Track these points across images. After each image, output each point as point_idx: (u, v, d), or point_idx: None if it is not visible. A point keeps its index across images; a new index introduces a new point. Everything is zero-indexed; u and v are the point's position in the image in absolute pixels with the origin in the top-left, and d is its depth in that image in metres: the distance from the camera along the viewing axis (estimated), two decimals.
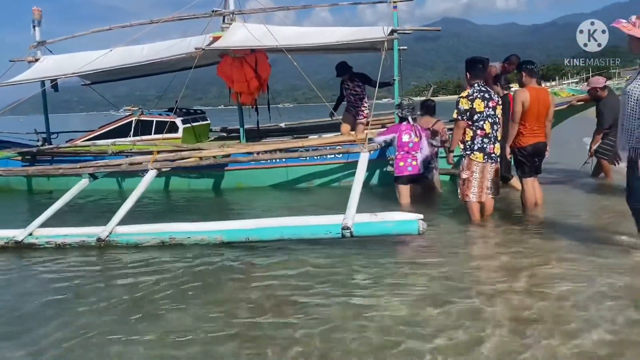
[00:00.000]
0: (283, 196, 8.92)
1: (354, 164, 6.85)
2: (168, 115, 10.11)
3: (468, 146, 6.05)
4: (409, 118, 7.34)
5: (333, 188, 8.99)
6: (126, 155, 8.92)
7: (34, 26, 10.98)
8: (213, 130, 12.22)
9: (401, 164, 7.29)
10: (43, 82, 10.75)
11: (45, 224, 6.30)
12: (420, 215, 5.26)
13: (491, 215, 6.32)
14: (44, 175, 9.38)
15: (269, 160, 8.72)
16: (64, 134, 12.15)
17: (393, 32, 8.48)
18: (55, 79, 10.47)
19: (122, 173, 8.71)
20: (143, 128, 9.92)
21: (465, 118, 5.99)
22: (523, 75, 6.39)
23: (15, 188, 10.25)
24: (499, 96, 6.91)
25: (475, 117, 5.97)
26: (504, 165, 7.31)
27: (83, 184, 7.20)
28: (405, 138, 7.24)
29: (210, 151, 8.34)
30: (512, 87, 8.22)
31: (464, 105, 5.98)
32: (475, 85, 6.07)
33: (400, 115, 7.53)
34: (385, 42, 8.23)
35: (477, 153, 6.01)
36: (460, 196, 6.25)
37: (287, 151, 8.78)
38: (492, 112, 6.04)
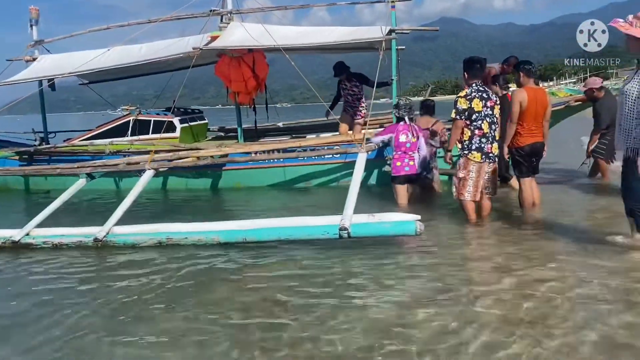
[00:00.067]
0: (281, 196, 8.91)
1: (352, 164, 6.84)
2: (166, 114, 10.09)
3: (466, 146, 6.05)
4: (406, 118, 7.34)
5: (331, 188, 8.99)
6: (124, 155, 8.91)
7: (32, 25, 10.93)
8: (211, 129, 12.20)
9: (398, 163, 7.29)
10: (40, 82, 10.71)
11: (42, 224, 6.29)
12: (418, 216, 5.26)
13: (489, 215, 6.33)
14: (41, 175, 9.37)
15: (266, 160, 8.71)
16: (61, 133, 12.13)
17: (391, 32, 8.47)
18: (53, 79, 10.45)
19: (120, 173, 8.70)
20: (141, 128, 9.89)
21: (463, 118, 5.99)
22: (521, 75, 6.41)
23: (12, 188, 10.24)
24: (497, 96, 6.91)
25: (474, 117, 5.98)
26: (503, 165, 7.32)
27: (80, 183, 7.20)
28: (402, 138, 7.24)
29: (208, 151, 8.32)
30: (511, 87, 8.22)
31: (462, 104, 5.98)
32: (473, 85, 6.07)
33: (397, 115, 7.53)
34: (383, 42, 8.21)
35: (475, 153, 6.02)
36: (455, 195, 6.27)
37: (285, 151, 8.77)
38: (490, 112, 6.04)
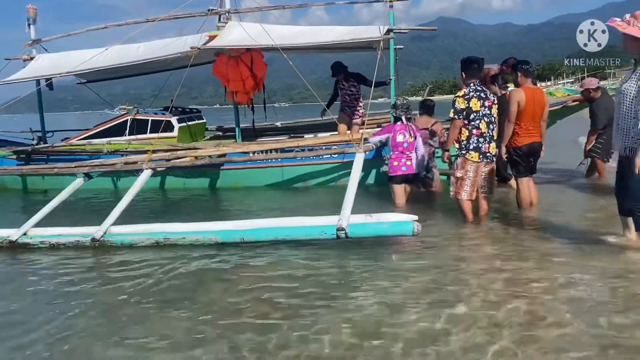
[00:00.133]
0: (278, 196, 8.90)
1: (350, 164, 6.83)
2: (164, 114, 10.07)
3: (464, 146, 6.07)
4: (403, 118, 7.35)
5: (329, 188, 8.98)
6: (121, 155, 8.89)
7: (29, 24, 10.91)
8: (209, 129, 12.19)
9: (395, 163, 7.29)
10: (38, 81, 10.70)
11: (40, 224, 6.28)
12: (415, 217, 5.25)
13: (487, 214, 6.34)
14: (38, 175, 9.33)
15: (264, 160, 8.71)
16: (59, 132, 12.11)
17: (389, 32, 8.47)
18: (51, 78, 10.43)
19: (117, 172, 8.69)
20: (138, 127, 9.87)
21: (461, 117, 6.01)
22: (518, 75, 6.41)
23: (10, 187, 10.22)
24: (496, 96, 6.93)
25: (472, 117, 5.99)
26: (502, 165, 7.33)
27: (78, 183, 7.18)
28: (399, 138, 7.25)
29: (206, 151, 8.31)
30: (509, 87, 8.24)
31: (461, 104, 6.00)
32: (471, 84, 6.08)
33: (394, 115, 7.54)
34: (381, 42, 8.21)
35: (473, 152, 6.03)
36: (452, 194, 6.28)
37: (283, 151, 8.77)
38: (488, 112, 6.06)
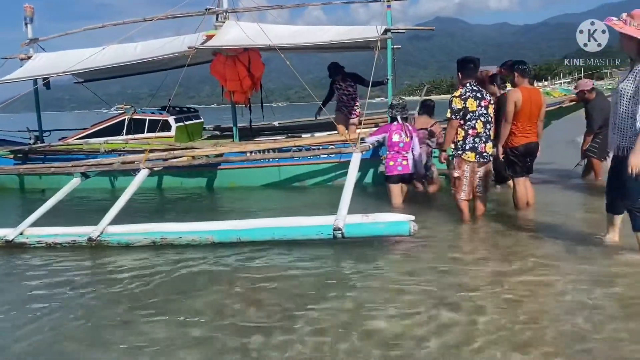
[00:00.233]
0: (275, 196, 8.90)
1: (347, 164, 6.84)
2: (161, 113, 10.06)
3: (460, 146, 6.08)
4: (398, 118, 7.35)
5: (326, 188, 8.98)
6: (118, 154, 8.89)
7: (26, 23, 10.89)
8: (206, 129, 12.18)
9: (391, 163, 7.30)
10: (35, 80, 10.67)
11: (37, 223, 6.26)
12: (412, 217, 5.26)
13: (483, 214, 6.34)
14: (35, 174, 9.32)
15: (261, 160, 8.70)
16: (56, 132, 12.09)
17: (386, 31, 8.48)
18: (48, 77, 10.40)
19: (114, 172, 8.68)
20: (136, 126, 9.86)
21: (458, 117, 6.02)
22: (515, 75, 6.42)
23: (7, 187, 10.20)
24: (495, 96, 6.95)
25: (468, 117, 6.01)
26: (502, 165, 7.33)
27: (75, 182, 7.17)
28: (395, 138, 7.25)
29: (203, 150, 8.31)
30: (508, 87, 8.26)
31: (457, 104, 6.01)
32: (467, 84, 6.09)
33: (390, 115, 7.55)
34: (379, 41, 8.22)
35: (469, 153, 6.05)
36: (453, 193, 6.31)
37: (280, 151, 8.77)
38: (485, 111, 6.07)
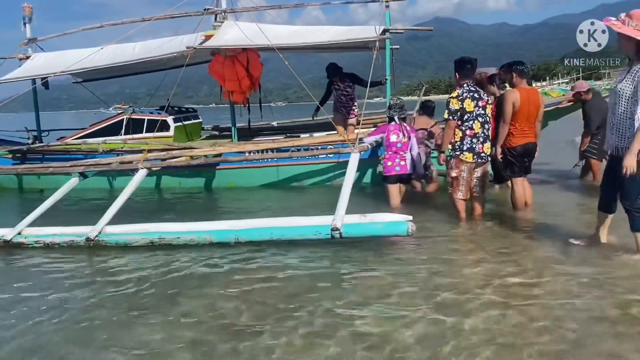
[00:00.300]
0: (274, 196, 8.89)
1: (345, 164, 6.84)
2: (159, 113, 10.06)
3: (457, 147, 6.10)
4: (396, 118, 7.36)
5: (324, 188, 8.98)
6: (117, 154, 8.87)
7: (25, 23, 10.89)
8: (205, 129, 12.18)
9: (389, 163, 7.30)
10: (34, 80, 10.67)
11: (35, 223, 6.26)
12: (409, 217, 5.25)
13: (481, 214, 6.34)
14: (34, 174, 9.32)
15: (260, 160, 8.70)
16: (54, 131, 12.08)
17: (385, 32, 8.48)
18: (47, 77, 10.40)
19: (113, 172, 8.66)
20: (134, 126, 9.86)
21: (455, 118, 6.04)
22: (513, 76, 6.41)
23: (5, 186, 10.19)
24: (495, 96, 6.95)
25: (466, 117, 6.03)
26: (502, 165, 7.34)
27: (73, 182, 7.17)
28: (393, 138, 7.26)
29: (201, 150, 8.30)
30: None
31: (455, 105, 6.03)
32: (465, 85, 6.11)
33: (388, 115, 7.56)
34: (377, 42, 8.23)
35: (467, 153, 6.07)
36: (450, 193, 6.33)
37: (279, 151, 8.77)
38: (482, 112, 6.08)
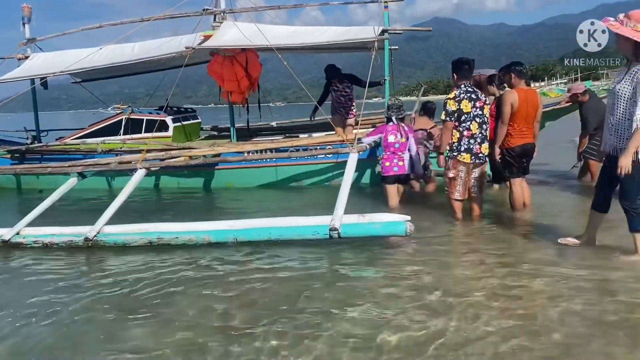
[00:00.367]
0: (272, 196, 8.89)
1: (344, 164, 6.85)
2: (158, 113, 10.06)
3: (455, 147, 6.12)
4: (393, 118, 7.37)
5: (322, 188, 8.99)
6: (116, 154, 8.87)
7: (24, 23, 10.89)
8: (204, 129, 12.18)
9: (387, 164, 7.31)
10: (33, 80, 10.66)
11: (33, 223, 6.25)
12: (408, 217, 5.24)
13: (480, 215, 6.36)
14: (32, 174, 9.30)
15: (258, 160, 8.71)
16: (53, 131, 12.08)
17: (384, 32, 8.49)
18: (46, 77, 10.40)
19: (112, 172, 8.66)
20: (133, 126, 9.86)
21: (453, 119, 6.05)
22: (512, 76, 6.42)
23: (4, 186, 10.19)
24: (495, 97, 6.95)
25: (463, 118, 6.04)
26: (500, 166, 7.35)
27: (71, 182, 7.16)
28: (391, 138, 7.26)
29: (200, 150, 8.31)
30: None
31: (451, 106, 6.05)
32: (462, 86, 6.12)
33: (386, 115, 7.57)
34: (376, 42, 8.24)
35: (464, 154, 6.09)
36: (446, 194, 6.36)
37: (277, 151, 8.77)
38: (480, 112, 6.10)
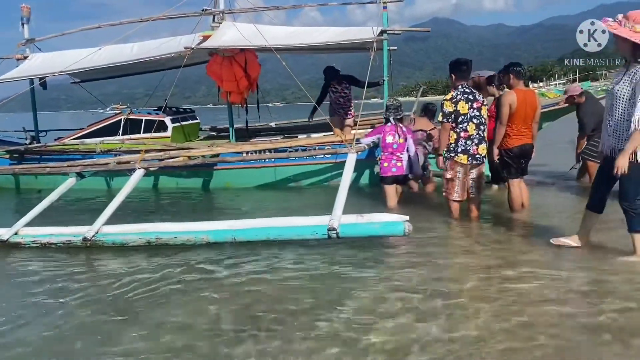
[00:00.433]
0: (271, 196, 8.90)
1: (343, 164, 6.85)
2: (157, 114, 10.05)
3: (452, 148, 6.14)
4: (391, 119, 7.38)
5: (321, 188, 9.00)
6: (114, 154, 8.88)
7: (23, 23, 10.87)
8: (203, 129, 12.18)
9: (385, 164, 7.32)
10: (32, 80, 10.66)
11: (31, 223, 6.24)
12: (406, 217, 5.24)
13: (478, 215, 6.36)
14: (31, 174, 9.29)
15: (257, 160, 8.71)
16: (52, 132, 12.07)
17: (382, 33, 8.50)
18: (44, 77, 10.39)
19: (110, 172, 8.66)
20: (132, 127, 9.86)
21: (450, 120, 6.08)
22: (510, 77, 6.42)
23: (2, 187, 10.18)
24: (494, 97, 6.94)
25: (460, 119, 6.07)
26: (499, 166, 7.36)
27: (70, 182, 7.15)
28: (389, 139, 7.28)
29: (199, 151, 8.31)
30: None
31: (448, 107, 6.07)
32: (459, 87, 6.14)
33: (384, 116, 7.59)
34: (375, 43, 8.25)
35: (461, 155, 6.11)
36: (444, 194, 6.37)
37: (276, 151, 8.78)
38: (477, 113, 6.11)
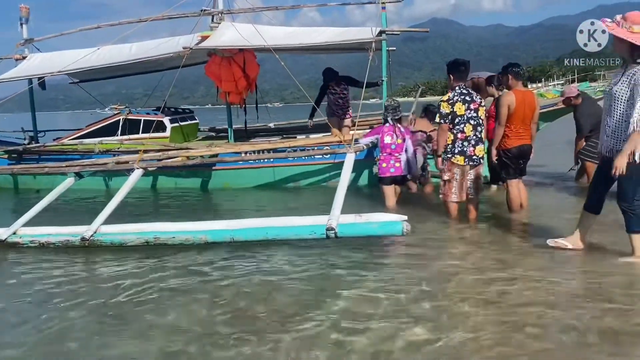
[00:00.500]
0: (270, 196, 8.91)
1: (341, 165, 6.86)
2: (156, 114, 10.05)
3: (449, 149, 6.16)
4: (389, 119, 7.38)
5: (320, 188, 9.00)
6: (113, 154, 8.89)
7: (22, 24, 10.87)
8: (201, 129, 12.18)
9: (384, 165, 7.33)
10: (30, 80, 10.65)
11: (30, 223, 6.23)
12: (405, 217, 5.24)
13: (476, 216, 6.36)
14: (29, 174, 9.30)
15: (256, 160, 8.72)
16: (51, 132, 12.07)
17: (381, 33, 8.51)
18: (43, 77, 10.39)
19: (109, 172, 8.66)
20: (131, 127, 9.86)
21: (447, 121, 6.09)
22: (509, 78, 6.42)
23: (1, 186, 10.18)
24: (494, 97, 6.94)
25: (457, 121, 6.08)
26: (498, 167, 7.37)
27: (68, 182, 7.15)
28: (387, 139, 7.28)
29: (197, 151, 8.32)
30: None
31: (445, 109, 6.08)
32: (457, 88, 6.15)
33: (383, 116, 7.60)
34: (374, 43, 8.25)
35: (458, 156, 6.12)
36: (441, 196, 6.38)
37: (275, 151, 8.79)
38: (475, 114, 6.12)
